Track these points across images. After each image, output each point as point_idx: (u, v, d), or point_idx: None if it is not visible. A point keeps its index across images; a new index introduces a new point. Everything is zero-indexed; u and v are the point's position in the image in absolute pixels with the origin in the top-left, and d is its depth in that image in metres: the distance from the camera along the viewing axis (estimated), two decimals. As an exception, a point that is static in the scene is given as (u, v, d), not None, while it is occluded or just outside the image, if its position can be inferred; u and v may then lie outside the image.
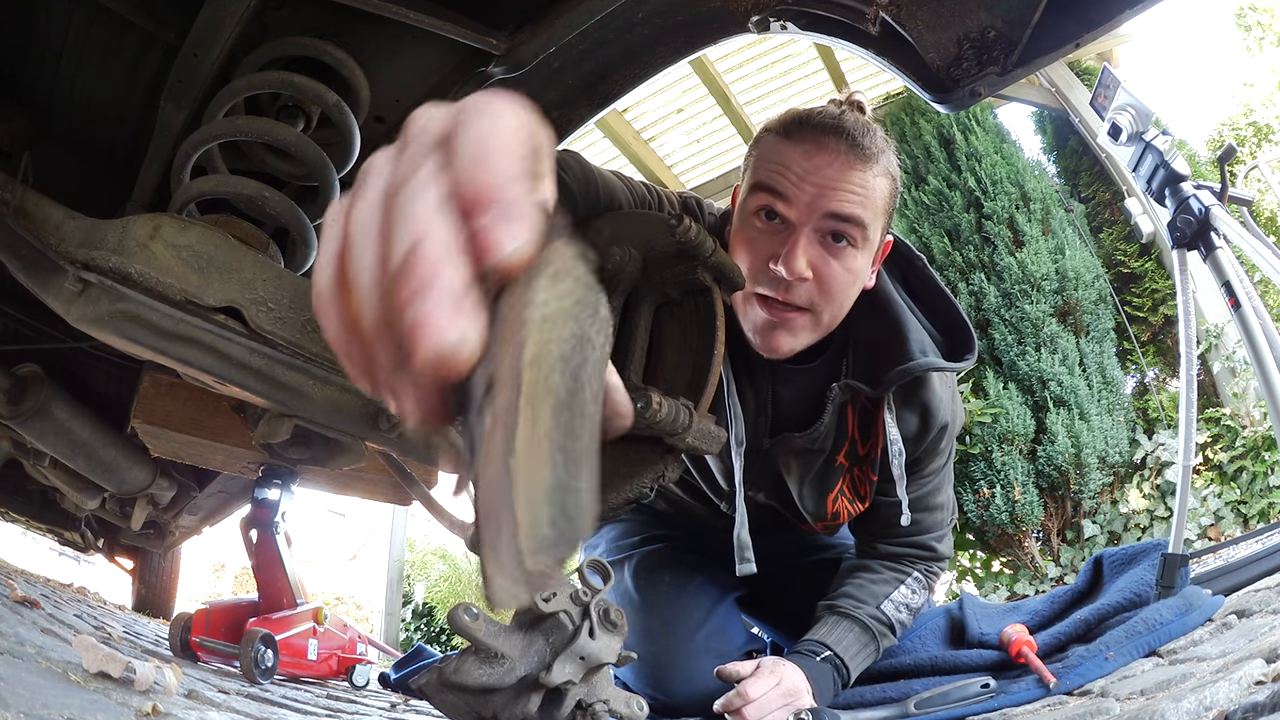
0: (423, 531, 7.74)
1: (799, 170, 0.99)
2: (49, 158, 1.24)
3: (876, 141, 1.02)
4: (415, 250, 0.24)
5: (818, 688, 1.14)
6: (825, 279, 1.01)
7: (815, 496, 1.25)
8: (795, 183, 0.99)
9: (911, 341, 1.13)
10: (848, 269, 1.02)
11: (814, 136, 1.00)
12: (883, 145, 1.03)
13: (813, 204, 0.99)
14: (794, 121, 1.03)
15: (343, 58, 1.10)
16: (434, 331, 0.23)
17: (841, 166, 0.99)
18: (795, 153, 1.00)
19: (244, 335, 0.88)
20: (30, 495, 2.49)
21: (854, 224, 1.00)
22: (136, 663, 0.90)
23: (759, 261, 1.01)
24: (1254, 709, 0.61)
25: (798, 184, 0.99)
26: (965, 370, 1.15)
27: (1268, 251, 1.46)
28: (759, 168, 1.04)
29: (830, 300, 1.03)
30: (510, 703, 0.72)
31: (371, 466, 1.38)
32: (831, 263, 1.01)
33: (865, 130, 1.01)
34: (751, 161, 1.07)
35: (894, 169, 1.05)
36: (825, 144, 0.99)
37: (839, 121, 1.01)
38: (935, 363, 1.13)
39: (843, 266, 1.02)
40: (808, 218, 0.99)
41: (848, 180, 0.99)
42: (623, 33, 1.23)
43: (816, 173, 0.99)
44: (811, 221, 0.99)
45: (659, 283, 0.80)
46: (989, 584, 4.19)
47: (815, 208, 0.99)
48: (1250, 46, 8.05)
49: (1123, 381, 4.43)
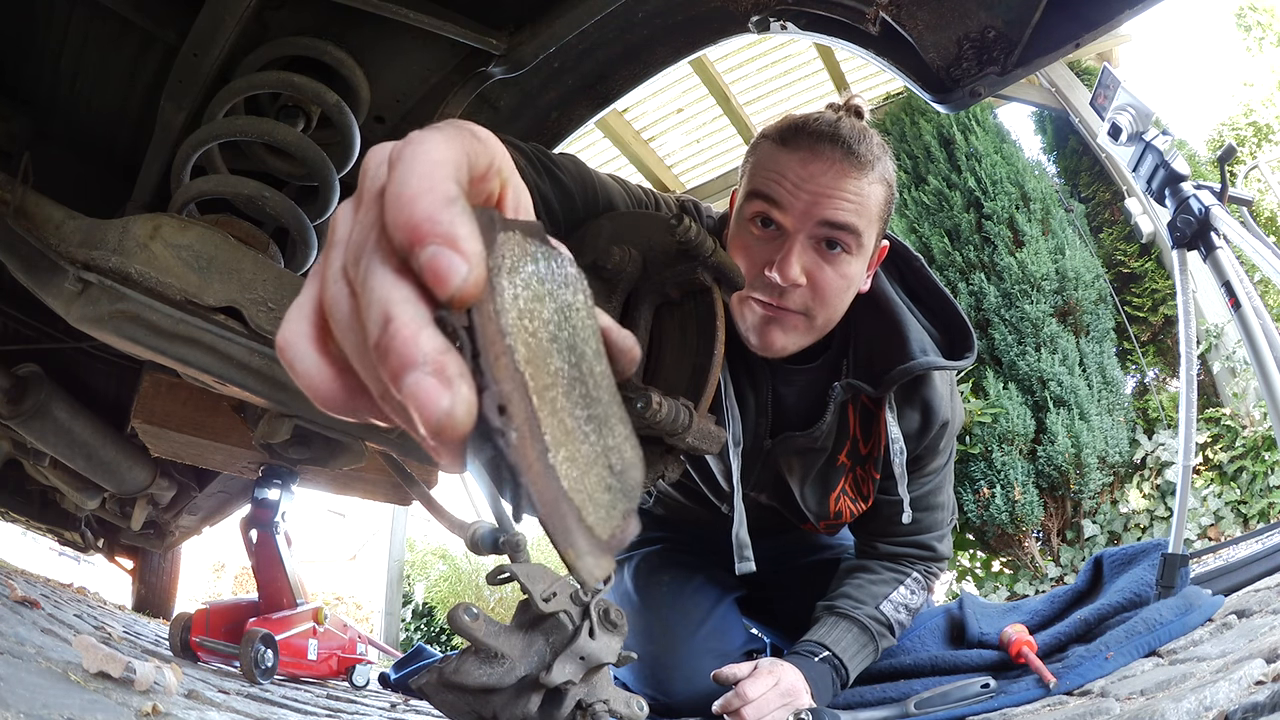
0: (423, 531, 7.74)
1: (794, 178, 1.00)
2: (49, 158, 1.24)
3: (872, 149, 1.03)
4: (386, 330, 0.24)
5: (816, 688, 1.14)
6: (819, 285, 1.02)
7: (818, 496, 1.25)
8: (791, 191, 1.00)
9: (912, 341, 1.14)
10: (842, 275, 1.03)
11: (810, 144, 1.01)
12: (879, 152, 1.04)
13: (807, 212, 1.00)
14: (790, 128, 1.04)
15: (343, 58, 1.10)
16: (428, 404, 0.24)
17: (836, 174, 0.99)
18: (791, 160, 1.01)
19: (244, 335, 0.88)
20: (30, 495, 2.49)
21: (848, 231, 1.01)
22: (136, 663, 0.90)
23: (754, 268, 1.02)
24: (1254, 709, 0.62)
25: (793, 192, 1.00)
26: (965, 369, 1.15)
27: (1268, 251, 1.45)
28: (755, 175, 1.05)
29: (824, 305, 1.04)
30: (510, 703, 0.72)
31: (371, 466, 1.38)
32: (826, 269, 1.02)
33: (861, 137, 1.02)
34: (748, 168, 1.08)
35: (890, 175, 1.06)
36: (821, 152, 1.00)
37: (835, 129, 1.01)
38: (936, 361, 1.13)
39: (837, 272, 1.03)
40: (802, 225, 1.00)
41: (842, 188, 0.99)
42: (623, 33, 1.23)
43: (811, 181, 0.99)
44: (806, 229, 1.00)
45: (659, 283, 0.80)
46: (989, 584, 4.19)
47: (810, 215, 1.00)
48: (1250, 46, 8.05)
49: (1123, 381, 4.43)
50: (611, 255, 0.77)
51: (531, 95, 1.34)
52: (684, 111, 5.16)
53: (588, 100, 1.36)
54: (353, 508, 10.63)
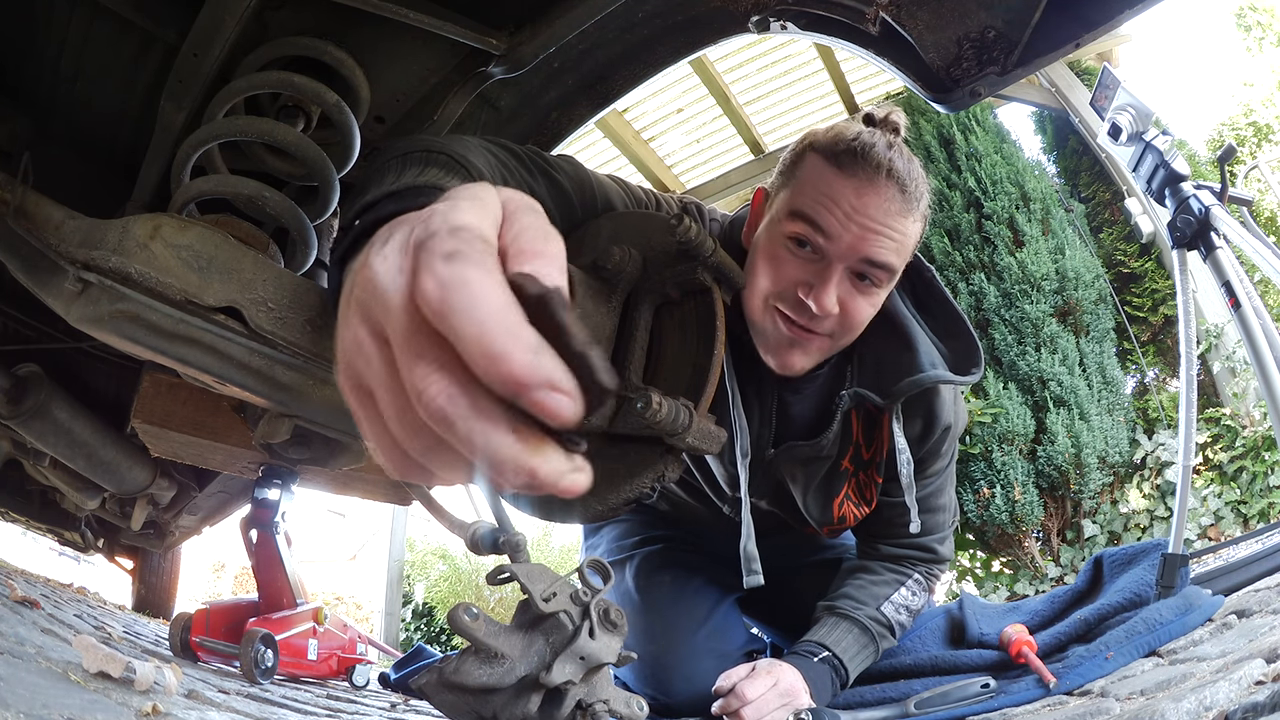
0: (423, 531, 7.75)
1: (847, 209, 0.99)
2: (49, 158, 1.24)
3: (919, 182, 1.02)
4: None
5: (815, 688, 1.14)
6: (850, 313, 1.04)
7: (821, 503, 1.25)
8: (841, 222, 0.99)
9: (921, 355, 1.14)
10: (871, 304, 1.05)
11: (867, 175, 0.99)
12: (923, 186, 1.03)
13: (854, 247, 0.99)
14: (847, 152, 1.00)
15: (343, 58, 1.10)
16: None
17: (887, 213, 0.99)
18: (845, 189, 0.99)
19: (244, 335, 0.88)
20: (30, 495, 2.49)
21: (887, 270, 1.02)
22: (136, 663, 0.90)
23: (785, 283, 1.03)
24: (1254, 709, 0.61)
25: (843, 223, 0.99)
26: (973, 383, 1.16)
27: (1268, 251, 1.45)
28: (804, 194, 1.02)
29: (850, 332, 1.07)
30: (510, 703, 0.72)
31: (371, 466, 1.37)
32: (858, 299, 1.03)
33: (909, 170, 1.01)
34: (795, 182, 1.05)
35: (927, 210, 1.06)
36: (877, 185, 0.98)
37: (891, 162, 0.99)
38: (944, 376, 1.13)
39: (868, 302, 1.05)
40: (846, 258, 1.00)
41: (890, 227, 0.99)
42: (623, 33, 1.23)
43: (863, 214, 0.98)
44: (848, 261, 1.01)
45: (659, 282, 0.80)
46: (989, 584, 4.19)
47: (856, 251, 0.99)
48: (1250, 46, 8.05)
49: (1123, 381, 4.43)
50: (611, 255, 0.77)
51: (531, 95, 1.34)
52: (684, 111, 5.17)
53: (588, 100, 1.36)
54: (353, 508, 10.64)
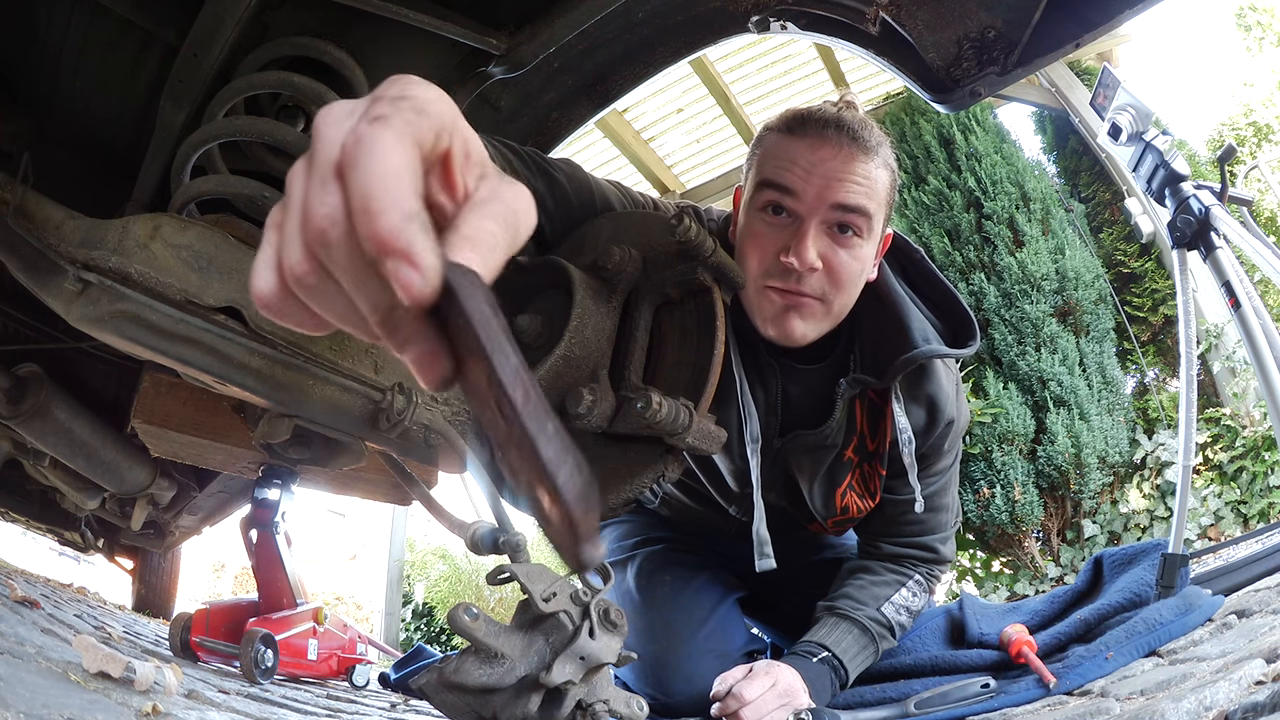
0: (423, 531, 7.73)
1: (805, 164, 1.02)
2: (49, 158, 1.24)
3: (875, 134, 1.06)
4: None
5: (814, 688, 1.14)
6: (835, 268, 1.04)
7: (825, 493, 1.26)
8: (802, 176, 1.02)
9: (914, 330, 1.15)
10: (855, 258, 1.05)
11: (817, 131, 1.03)
12: (880, 138, 1.07)
13: (820, 195, 1.02)
14: (795, 119, 1.06)
15: (343, 58, 1.10)
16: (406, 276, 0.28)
17: (845, 159, 1.02)
18: (800, 147, 1.03)
19: (244, 335, 0.88)
20: (30, 495, 2.49)
21: (860, 214, 1.03)
22: (136, 663, 0.90)
23: (769, 256, 1.04)
24: (1254, 709, 0.62)
25: (804, 178, 1.02)
26: (969, 355, 1.17)
27: (1268, 251, 1.45)
28: (764, 165, 1.07)
29: (840, 289, 1.06)
30: (510, 703, 0.72)
31: (371, 466, 1.38)
32: (840, 252, 1.04)
33: (864, 124, 1.05)
34: (755, 160, 1.10)
35: (892, 161, 1.09)
36: (828, 137, 1.03)
37: (839, 117, 1.04)
38: (938, 349, 1.14)
39: (850, 256, 1.05)
40: (816, 209, 1.02)
41: (852, 172, 1.02)
42: (623, 33, 1.23)
43: (822, 165, 1.02)
44: (820, 213, 1.02)
45: (659, 282, 0.80)
46: (989, 584, 4.19)
47: (823, 199, 1.02)
48: (1250, 46, 8.04)
49: (1123, 381, 4.42)
50: (611, 255, 0.77)
51: (531, 95, 1.34)
52: (684, 111, 5.16)
53: (588, 100, 1.36)
54: (353, 508, 10.62)
